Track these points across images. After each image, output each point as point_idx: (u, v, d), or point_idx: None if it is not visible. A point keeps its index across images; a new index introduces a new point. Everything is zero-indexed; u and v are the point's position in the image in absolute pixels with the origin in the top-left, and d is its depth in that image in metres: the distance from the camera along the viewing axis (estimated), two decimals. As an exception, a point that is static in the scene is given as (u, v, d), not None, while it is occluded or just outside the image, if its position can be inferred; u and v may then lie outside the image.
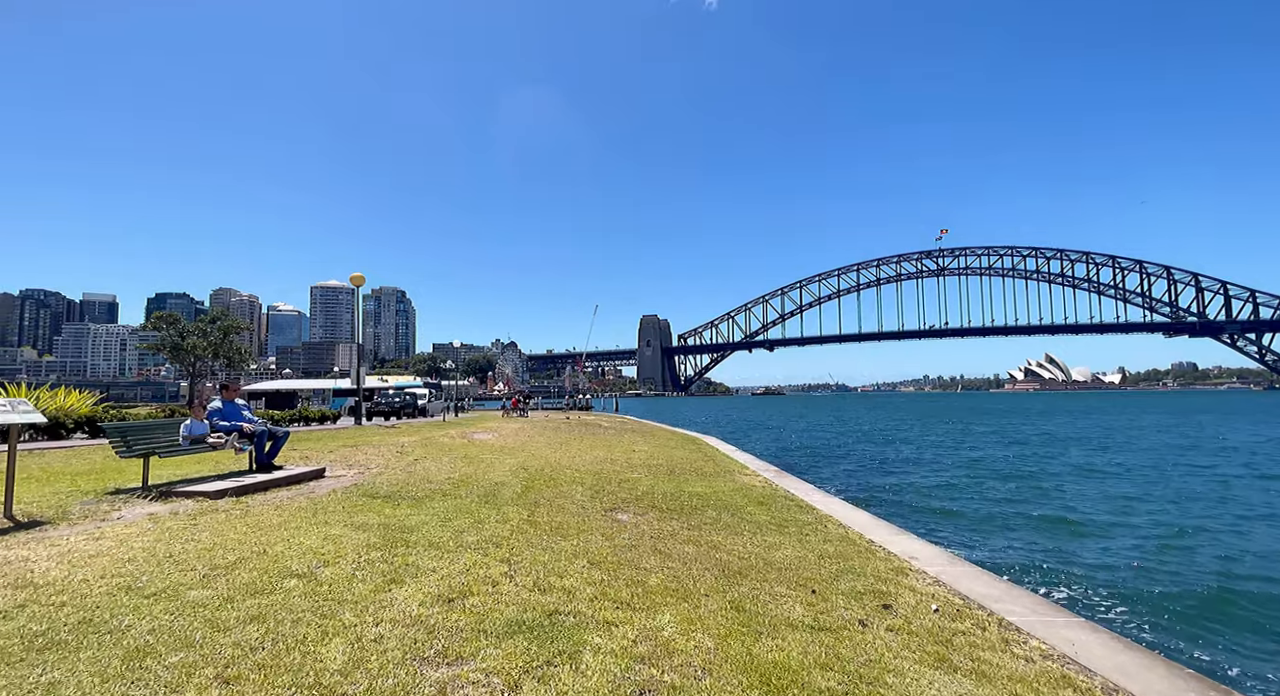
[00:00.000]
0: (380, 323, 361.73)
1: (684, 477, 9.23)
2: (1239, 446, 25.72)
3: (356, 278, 18.11)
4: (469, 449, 11.29)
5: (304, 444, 11.49)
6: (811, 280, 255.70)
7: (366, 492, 6.27)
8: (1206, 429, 36.29)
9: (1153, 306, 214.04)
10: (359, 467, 8.24)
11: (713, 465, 11.17)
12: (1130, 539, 9.76)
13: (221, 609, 3.15)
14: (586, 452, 12.23)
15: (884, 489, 15.04)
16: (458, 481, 7.23)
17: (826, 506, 7.42)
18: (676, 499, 7.29)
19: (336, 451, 10.21)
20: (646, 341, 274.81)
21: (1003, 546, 9.27)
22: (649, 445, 14.89)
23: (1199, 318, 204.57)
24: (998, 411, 68.25)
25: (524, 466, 9.04)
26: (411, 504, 5.82)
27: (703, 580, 4.10)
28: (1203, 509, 12.43)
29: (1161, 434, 33.21)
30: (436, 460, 9.17)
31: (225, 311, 47.34)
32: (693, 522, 5.98)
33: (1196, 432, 33.70)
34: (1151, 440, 29.49)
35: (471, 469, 8.40)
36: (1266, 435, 31.20)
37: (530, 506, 6.10)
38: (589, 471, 9.16)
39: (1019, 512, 11.72)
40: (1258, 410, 61.71)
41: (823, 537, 5.66)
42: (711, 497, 7.51)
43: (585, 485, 7.77)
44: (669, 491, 7.78)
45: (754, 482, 9.21)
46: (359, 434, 14.54)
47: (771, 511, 6.85)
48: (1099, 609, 6.52)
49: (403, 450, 10.53)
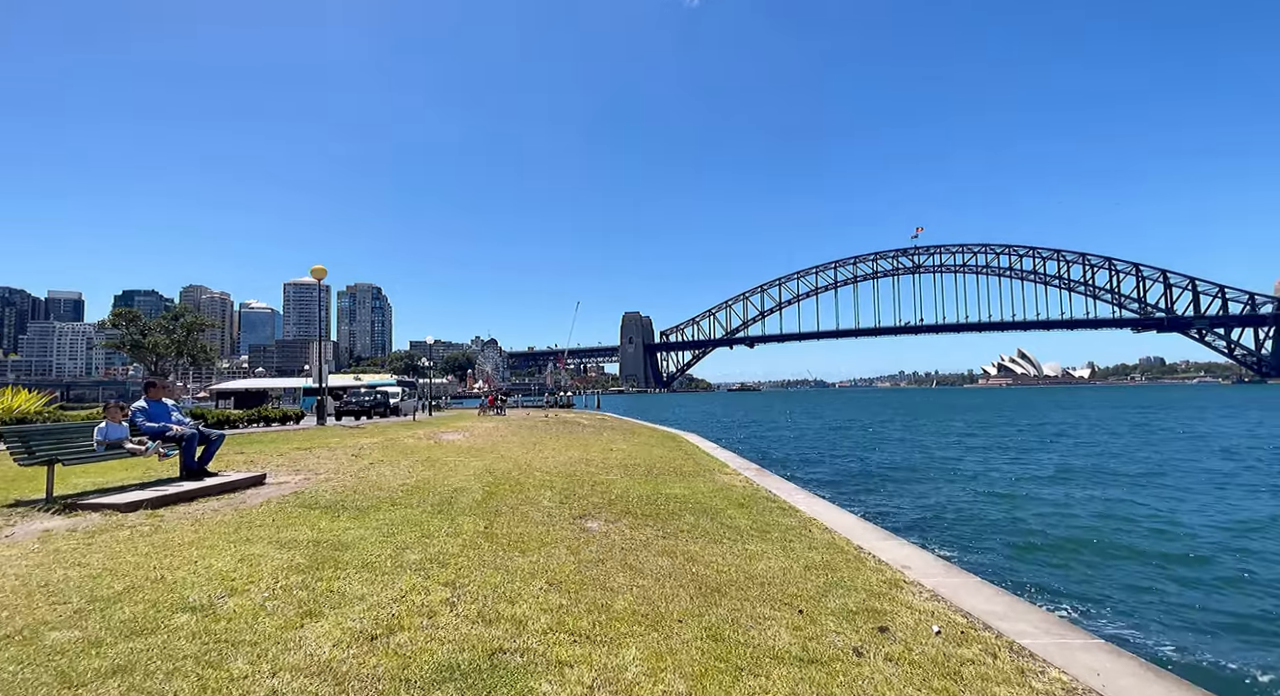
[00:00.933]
0: (355, 320, 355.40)
1: (662, 478, 8.75)
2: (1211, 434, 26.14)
3: (318, 270, 17.26)
4: (433, 451, 10.65)
5: (255, 446, 10.73)
6: (791, 277, 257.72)
7: (305, 502, 5.65)
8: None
9: (1122, 302, 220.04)
10: (306, 473, 7.58)
11: (692, 464, 10.72)
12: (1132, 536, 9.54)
13: (83, 656, 2.56)
14: (561, 453, 11.69)
15: (867, 487, 14.76)
16: (412, 488, 6.63)
17: (810, 508, 7.00)
18: (652, 502, 6.80)
19: (287, 454, 9.49)
20: (629, 338, 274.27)
21: (992, 550, 8.96)
22: (628, 444, 14.39)
23: (1167, 313, 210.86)
24: (973, 407, 69.21)
25: (490, 469, 8.47)
26: (354, 515, 5.22)
27: (677, 600, 3.61)
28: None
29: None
30: (394, 464, 8.54)
31: (189, 308, 45.47)
32: (668, 530, 5.50)
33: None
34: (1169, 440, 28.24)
35: (431, 473, 7.80)
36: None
37: (489, 516, 5.55)
38: (561, 473, 8.63)
39: (1005, 513, 11.48)
40: (1229, 404, 63.24)
41: (808, 544, 5.22)
42: (690, 500, 7.04)
43: (555, 489, 7.24)
44: (645, 494, 7.29)
45: (734, 482, 8.78)
46: (318, 435, 13.75)
47: (753, 514, 6.41)
48: (1100, 616, 6.19)
49: (360, 452, 9.86)
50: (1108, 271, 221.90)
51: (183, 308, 43.89)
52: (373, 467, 8.11)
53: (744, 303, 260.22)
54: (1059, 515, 11.01)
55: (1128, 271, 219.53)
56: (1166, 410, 50.25)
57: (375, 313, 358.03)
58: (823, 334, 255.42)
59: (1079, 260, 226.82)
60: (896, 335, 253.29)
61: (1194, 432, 28.82)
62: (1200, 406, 56.07)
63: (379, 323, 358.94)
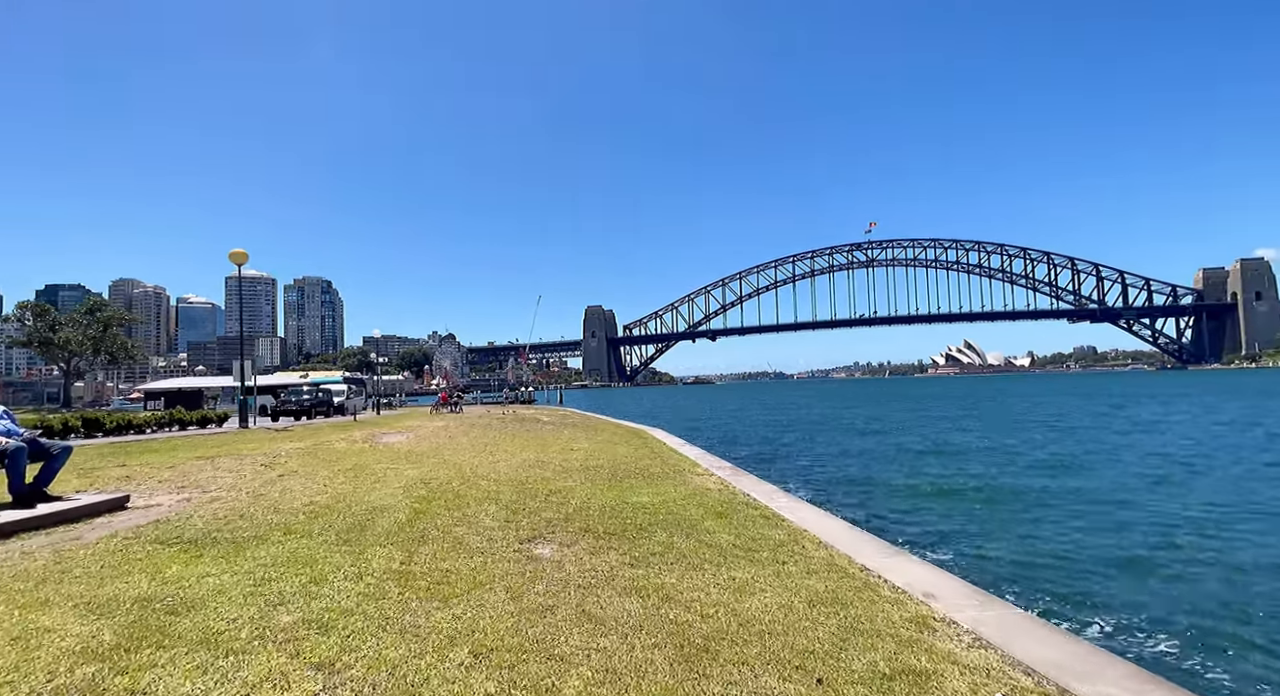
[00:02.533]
0: (304, 315, 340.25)
1: (628, 482, 7.76)
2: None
3: (237, 254, 15.42)
4: (364, 456, 9.32)
5: (146, 456, 9.15)
6: (751, 271, 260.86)
7: (164, 536, 4.39)
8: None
9: (1059, 294, 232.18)
10: (193, 489, 6.22)
11: (660, 464, 9.77)
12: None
13: None
14: (515, 454, 10.55)
15: (845, 482, 14.18)
16: (321, 507, 5.41)
17: (796, 515, 6.15)
18: (617, 515, 5.80)
19: (181, 466, 8.01)
20: (591, 332, 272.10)
21: (1003, 554, 8.23)
22: (590, 442, 13.34)
23: (1099, 304, 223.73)
24: (930, 397, 71.18)
25: (426, 479, 7.27)
26: (225, 552, 4.01)
27: (652, 672, 2.62)
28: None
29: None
30: (310, 475, 7.24)
31: (106, 301, 41.42)
32: (637, 553, 4.50)
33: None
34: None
35: (351, 486, 6.56)
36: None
37: (411, 544, 4.42)
38: (511, 481, 7.52)
39: (1002, 508, 10.93)
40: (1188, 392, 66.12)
41: (805, 566, 4.33)
42: (661, 510, 6.07)
43: (501, 502, 6.14)
44: (608, 504, 6.29)
45: (708, 485, 7.87)
46: (234, 440, 12.12)
47: (734, 526, 5.49)
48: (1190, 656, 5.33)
49: (273, 461, 8.46)
50: (1046, 265, 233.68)
51: (99, 300, 39.83)
52: (281, 480, 6.80)
53: (705, 296, 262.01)
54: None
55: (1064, 265, 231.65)
56: (1135, 399, 47.61)
57: (325, 307, 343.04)
58: (782, 327, 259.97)
59: (1020, 254, 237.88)
60: (851, 327, 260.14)
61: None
62: (1156, 393, 57.20)
63: (330, 317, 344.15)
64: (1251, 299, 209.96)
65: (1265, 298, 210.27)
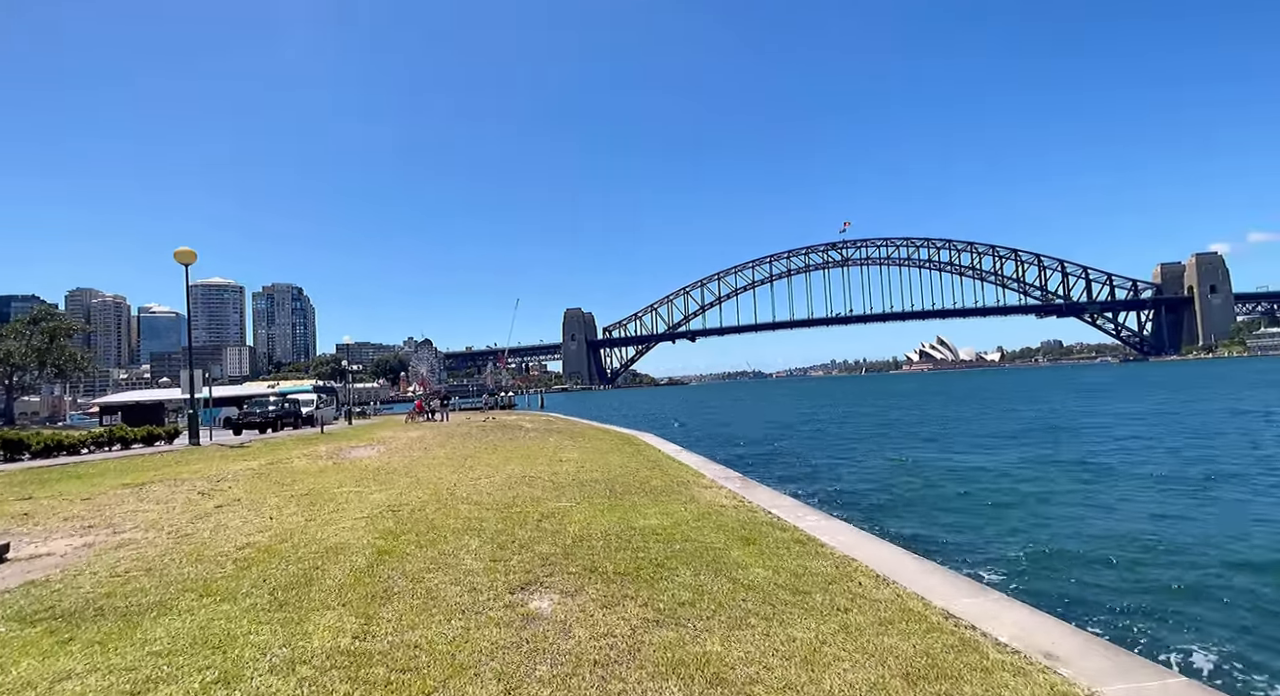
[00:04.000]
0: (274, 323, 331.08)
1: (630, 500, 6.81)
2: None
3: (183, 253, 14.02)
4: (324, 477, 8.16)
5: (62, 484, 7.84)
6: (729, 272, 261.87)
7: (32, 608, 3.29)
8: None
9: (1026, 290, 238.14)
10: (102, 530, 5.07)
11: (661, 475, 8.84)
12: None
13: None
14: (498, 469, 9.50)
15: (860, 491, 13.03)
16: (259, 551, 4.34)
17: (833, 537, 5.28)
18: (626, 545, 4.85)
19: (101, 496, 6.78)
20: (571, 335, 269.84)
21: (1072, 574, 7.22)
22: (579, 451, 12.34)
23: (1065, 300, 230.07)
24: (906, 393, 71.68)
25: (395, 505, 6.21)
26: (109, 632, 2.94)
27: None
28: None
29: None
30: (255, 504, 6.11)
31: (52, 310, 38.77)
32: (662, 604, 3.56)
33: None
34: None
35: (304, 518, 5.47)
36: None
37: (371, 602, 3.41)
38: (496, 503, 6.50)
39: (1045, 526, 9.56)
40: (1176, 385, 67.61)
41: (875, 614, 3.44)
42: (676, 536, 5.14)
43: (486, 533, 5.13)
44: (612, 530, 5.33)
45: (720, 500, 6.97)
46: (178, 460, 10.78)
47: (768, 556, 4.59)
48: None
49: (215, 486, 7.27)
50: (1014, 262, 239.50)
51: (43, 309, 37.14)
52: (217, 513, 5.66)
53: (685, 297, 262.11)
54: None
55: (1030, 262, 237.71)
56: (1131, 394, 44.36)
57: (296, 314, 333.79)
58: (760, 326, 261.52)
59: (989, 252, 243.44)
60: (828, 325, 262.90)
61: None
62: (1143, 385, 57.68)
63: (301, 325, 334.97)
64: (1206, 292, 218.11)
65: (1219, 291, 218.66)
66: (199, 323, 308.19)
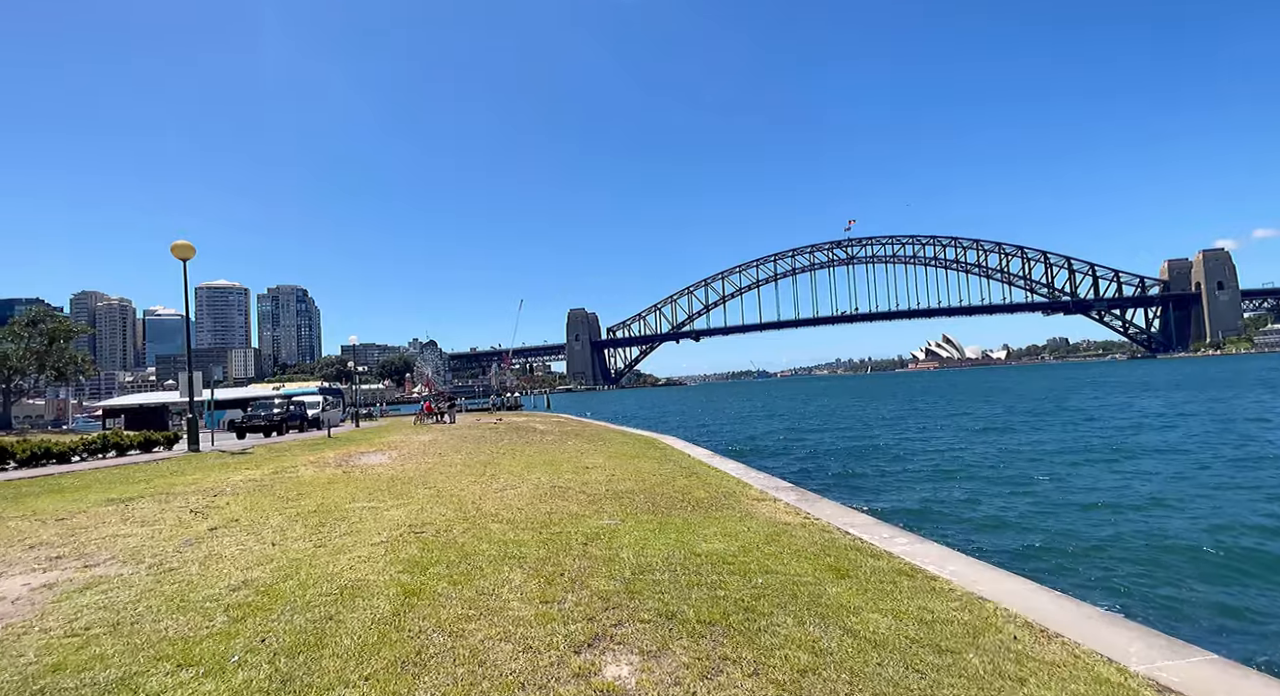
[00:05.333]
0: (280, 324, 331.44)
1: (678, 516, 5.99)
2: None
3: (181, 246, 13.23)
4: (334, 489, 7.35)
5: (44, 499, 7.01)
6: (733, 271, 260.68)
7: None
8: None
9: (1033, 288, 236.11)
10: (70, 562, 4.25)
11: (701, 485, 8.01)
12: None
13: None
14: (522, 477, 8.68)
15: (933, 502, 11.14)
16: (259, 592, 3.53)
17: (941, 566, 4.45)
18: (696, 579, 4.04)
19: (79, 516, 5.96)
20: (575, 335, 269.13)
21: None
22: (604, 456, 11.51)
23: (1072, 297, 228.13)
24: (921, 391, 70.59)
25: (417, 525, 5.40)
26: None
27: None
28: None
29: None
30: (255, 526, 5.29)
31: (50, 312, 38.10)
32: (778, 675, 2.74)
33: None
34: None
35: (312, 544, 4.66)
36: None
37: (399, 675, 2.60)
38: (529, 521, 5.69)
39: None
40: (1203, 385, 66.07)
41: (1063, 688, 2.62)
42: (751, 566, 4.32)
43: (527, 563, 4.33)
44: (674, 556, 4.52)
45: (782, 516, 6.15)
46: (174, 469, 9.98)
47: (875, 594, 3.77)
48: None
49: (211, 502, 6.45)
50: (1020, 259, 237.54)
51: (41, 311, 36.50)
52: (210, 538, 4.86)
53: (688, 297, 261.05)
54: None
55: (1037, 259, 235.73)
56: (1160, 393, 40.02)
57: (301, 316, 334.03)
58: (765, 325, 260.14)
59: (995, 249, 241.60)
60: (833, 324, 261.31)
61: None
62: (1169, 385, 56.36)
63: (306, 327, 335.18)
64: (1214, 289, 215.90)
65: (1226, 287, 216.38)
66: (204, 325, 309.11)
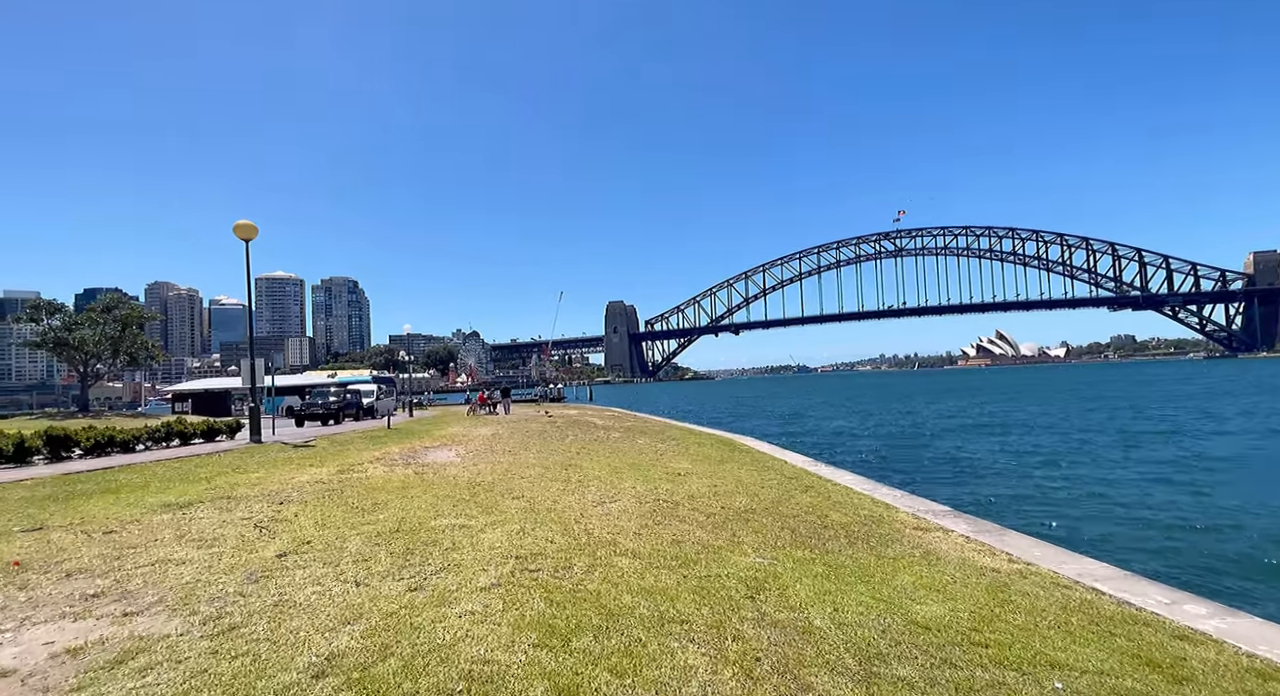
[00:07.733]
0: (332, 314, 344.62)
1: (840, 554, 4.71)
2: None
3: (243, 226, 12.69)
4: (410, 498, 6.33)
5: (96, 501, 6.23)
6: (774, 263, 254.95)
7: None
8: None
9: (1098, 282, 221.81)
10: (111, 604, 3.29)
11: (831, 504, 6.68)
12: None
13: None
14: (612, 484, 7.54)
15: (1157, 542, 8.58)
16: (347, 681, 2.44)
17: (1238, 639, 3.02)
18: (953, 672, 2.76)
19: (129, 527, 5.09)
20: (614, 328, 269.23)
21: None
22: (687, 459, 10.30)
23: (1142, 291, 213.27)
24: (996, 389, 66.70)
25: (525, 556, 4.29)
26: None
27: None
28: None
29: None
30: (329, 554, 4.25)
31: (122, 299, 39.63)
32: None
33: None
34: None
35: (403, 587, 3.53)
36: None
37: None
38: (660, 554, 4.50)
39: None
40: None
41: None
42: (1013, 656, 3.01)
43: (695, 630, 3.13)
44: (886, 625, 3.25)
45: (977, 558, 4.77)
46: (237, 463, 9.27)
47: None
48: None
49: (278, 512, 5.50)
50: (1085, 251, 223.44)
51: (115, 298, 37.97)
52: (279, 572, 3.85)
53: (728, 289, 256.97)
54: None
55: (1104, 251, 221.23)
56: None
57: (352, 307, 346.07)
58: (806, 319, 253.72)
59: (1057, 241, 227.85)
60: (878, 319, 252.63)
61: None
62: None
63: (356, 317, 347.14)
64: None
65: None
66: (263, 314, 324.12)
